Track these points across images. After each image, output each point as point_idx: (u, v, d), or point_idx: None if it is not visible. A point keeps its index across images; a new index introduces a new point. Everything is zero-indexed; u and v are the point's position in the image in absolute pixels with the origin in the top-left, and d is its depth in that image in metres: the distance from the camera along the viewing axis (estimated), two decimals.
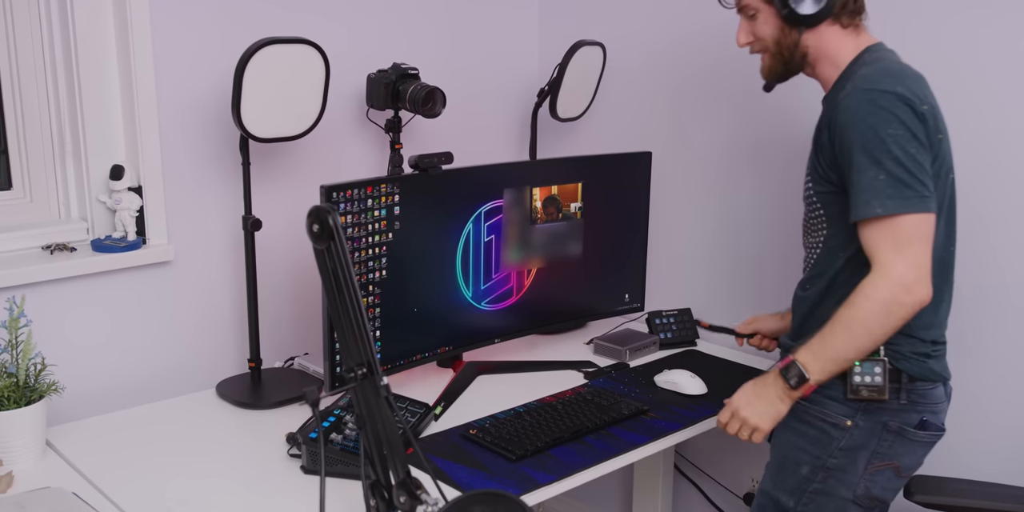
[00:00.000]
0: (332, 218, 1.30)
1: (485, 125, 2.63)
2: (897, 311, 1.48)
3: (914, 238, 1.47)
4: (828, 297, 1.63)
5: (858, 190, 1.49)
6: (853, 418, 1.61)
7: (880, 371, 1.57)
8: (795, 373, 1.58)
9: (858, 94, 1.50)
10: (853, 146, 1.49)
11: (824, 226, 1.64)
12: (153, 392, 2.04)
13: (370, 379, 1.33)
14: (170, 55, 1.97)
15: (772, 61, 1.68)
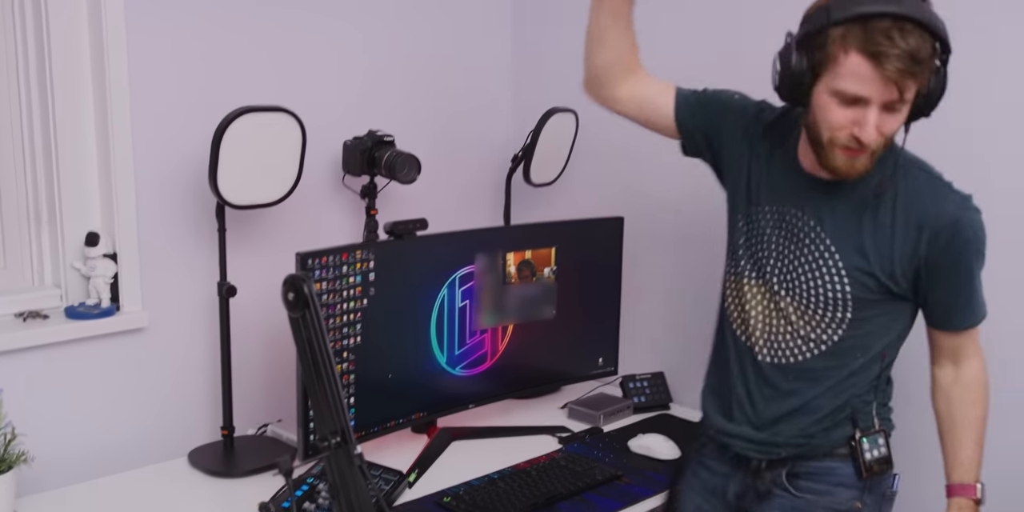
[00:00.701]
0: (307, 287, 1.31)
1: (460, 191, 2.67)
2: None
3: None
4: (830, 393, 1.57)
5: (972, 299, 1.54)
6: (861, 498, 1.59)
7: (883, 442, 1.59)
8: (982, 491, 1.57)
9: (967, 206, 1.48)
10: (975, 262, 1.50)
11: (843, 326, 1.54)
12: (124, 461, 2.01)
13: (344, 448, 1.32)
14: (147, 122, 2.00)
15: (871, 160, 1.43)
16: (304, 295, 1.32)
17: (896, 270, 1.49)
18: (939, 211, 1.46)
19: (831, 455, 1.59)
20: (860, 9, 1.30)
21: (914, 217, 1.47)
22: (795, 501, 1.60)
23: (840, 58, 1.33)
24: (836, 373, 1.56)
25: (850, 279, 1.50)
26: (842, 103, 1.36)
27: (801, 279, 1.54)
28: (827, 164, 1.43)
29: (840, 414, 1.58)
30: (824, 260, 1.52)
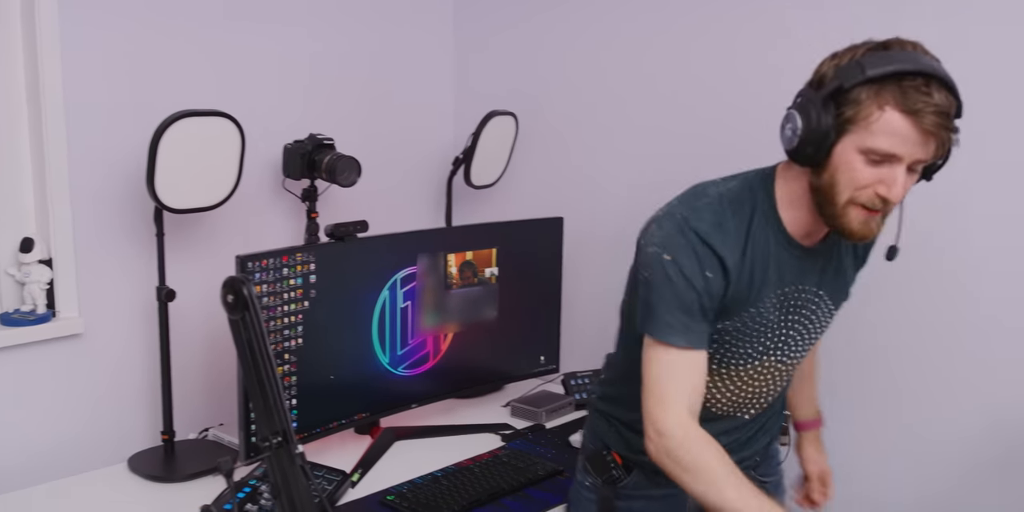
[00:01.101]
0: (247, 288, 1.32)
1: (401, 193, 2.68)
2: None
3: None
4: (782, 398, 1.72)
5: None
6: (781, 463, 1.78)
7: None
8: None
9: None
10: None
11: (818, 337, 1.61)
12: (63, 467, 2.00)
13: (285, 448, 1.33)
14: (82, 126, 1.98)
15: (883, 222, 1.41)
16: (243, 297, 1.33)
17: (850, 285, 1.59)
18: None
19: (775, 440, 1.74)
20: (896, 67, 1.27)
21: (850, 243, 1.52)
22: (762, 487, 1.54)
23: (875, 115, 1.28)
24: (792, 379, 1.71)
25: (835, 313, 1.57)
26: (870, 162, 1.31)
27: (805, 341, 1.55)
28: (842, 226, 1.37)
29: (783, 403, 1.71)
30: (826, 315, 1.55)
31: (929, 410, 2.00)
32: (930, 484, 2.01)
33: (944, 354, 1.97)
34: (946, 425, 1.98)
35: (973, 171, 1.86)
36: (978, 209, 1.89)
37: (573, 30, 2.49)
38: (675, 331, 1.41)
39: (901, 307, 2.00)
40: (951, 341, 1.96)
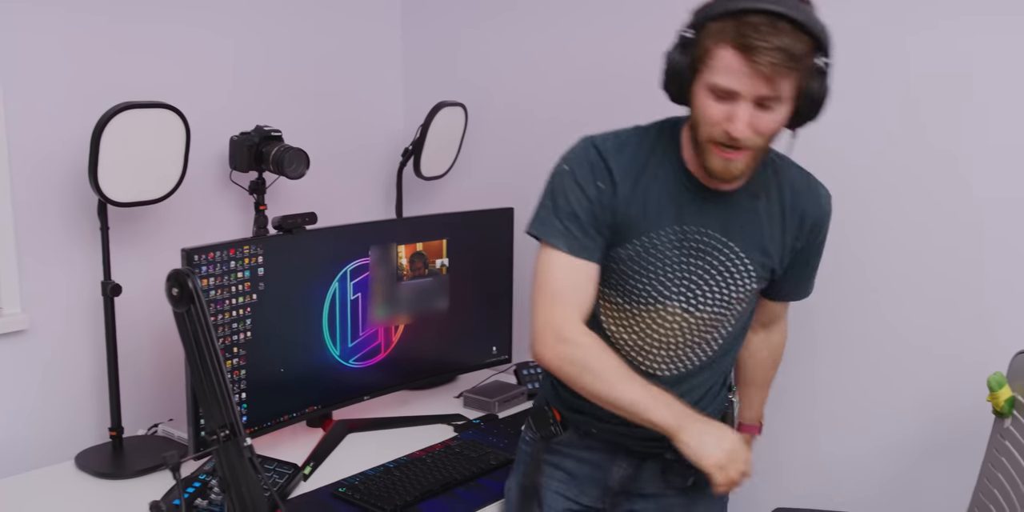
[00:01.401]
0: (191, 281, 1.31)
1: (350, 185, 2.67)
2: None
3: None
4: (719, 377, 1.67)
5: (814, 272, 1.69)
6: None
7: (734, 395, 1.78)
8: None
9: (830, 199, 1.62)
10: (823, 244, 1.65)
11: (736, 318, 1.60)
12: (9, 466, 1.97)
13: (233, 441, 1.33)
14: (22, 119, 1.95)
15: (752, 162, 1.43)
16: (188, 290, 1.32)
17: (785, 258, 1.59)
18: (816, 204, 1.58)
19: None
20: (735, 5, 1.31)
21: (799, 210, 1.55)
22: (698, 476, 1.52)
23: (713, 52, 1.33)
24: (727, 356, 1.66)
25: (756, 276, 1.56)
26: (716, 98, 1.36)
27: (713, 290, 1.54)
28: (706, 165, 1.42)
29: (722, 385, 1.70)
30: (735, 265, 1.54)
31: (868, 403, 2.04)
32: (871, 473, 2.05)
33: (881, 346, 2.01)
34: (884, 417, 2.02)
35: (920, 163, 1.90)
36: (923, 202, 1.93)
37: (523, 21, 2.49)
38: (559, 235, 1.49)
39: (847, 297, 2.04)
40: (891, 332, 2.00)
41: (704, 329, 1.57)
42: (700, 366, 1.61)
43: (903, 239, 1.95)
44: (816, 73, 1.35)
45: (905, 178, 1.93)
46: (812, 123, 1.42)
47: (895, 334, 1.98)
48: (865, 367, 2.03)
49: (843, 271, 2.00)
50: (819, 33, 1.32)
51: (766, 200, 1.53)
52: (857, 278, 2.01)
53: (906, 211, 1.94)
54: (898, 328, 1.98)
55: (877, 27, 1.91)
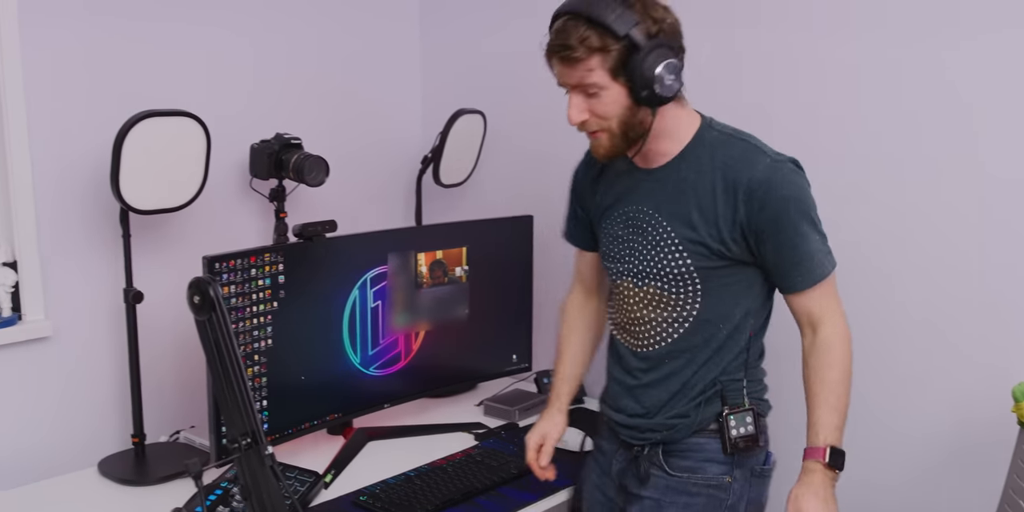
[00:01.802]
0: (213, 289, 1.32)
1: (370, 192, 2.67)
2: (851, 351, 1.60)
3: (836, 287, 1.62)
4: (706, 369, 1.64)
5: (808, 255, 1.55)
6: (731, 473, 1.65)
7: (751, 420, 1.63)
8: (839, 456, 1.54)
9: (784, 168, 1.54)
10: (799, 216, 1.53)
11: (696, 300, 1.61)
12: (32, 472, 1.98)
13: (255, 449, 1.33)
14: (45, 127, 1.96)
15: (614, 140, 1.56)
16: (210, 298, 1.32)
17: (723, 234, 1.56)
18: (751, 172, 1.54)
19: (701, 431, 1.65)
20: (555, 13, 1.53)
21: (730, 181, 1.55)
22: (670, 480, 1.66)
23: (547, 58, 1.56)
24: (706, 348, 1.63)
25: (687, 251, 1.59)
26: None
27: (650, 265, 1.63)
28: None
29: (711, 390, 1.64)
30: (663, 240, 1.61)
31: (897, 404, 2.02)
32: (894, 477, 2.03)
33: (915, 349, 1.98)
34: (913, 419, 2.00)
35: (954, 168, 1.89)
36: (952, 207, 1.90)
37: (541, 27, 2.48)
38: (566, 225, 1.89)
39: (874, 302, 2.01)
40: (923, 337, 1.97)
41: (658, 305, 1.64)
42: (668, 349, 1.65)
43: (940, 243, 1.92)
44: (628, 54, 1.46)
45: (948, 186, 1.90)
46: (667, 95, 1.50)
47: (924, 339, 1.96)
48: (891, 373, 2.01)
49: (877, 274, 1.98)
50: (603, 22, 1.45)
51: (695, 175, 1.58)
52: (888, 282, 1.99)
53: (943, 216, 1.92)
54: (928, 333, 1.96)
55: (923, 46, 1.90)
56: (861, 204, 1.99)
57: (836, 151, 2.00)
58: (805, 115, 2.04)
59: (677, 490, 1.66)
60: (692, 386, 1.65)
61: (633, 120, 1.54)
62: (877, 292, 2.00)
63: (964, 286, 1.90)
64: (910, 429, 2.00)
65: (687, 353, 1.65)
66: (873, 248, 1.98)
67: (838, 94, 1.99)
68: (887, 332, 2.00)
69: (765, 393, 1.71)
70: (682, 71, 1.51)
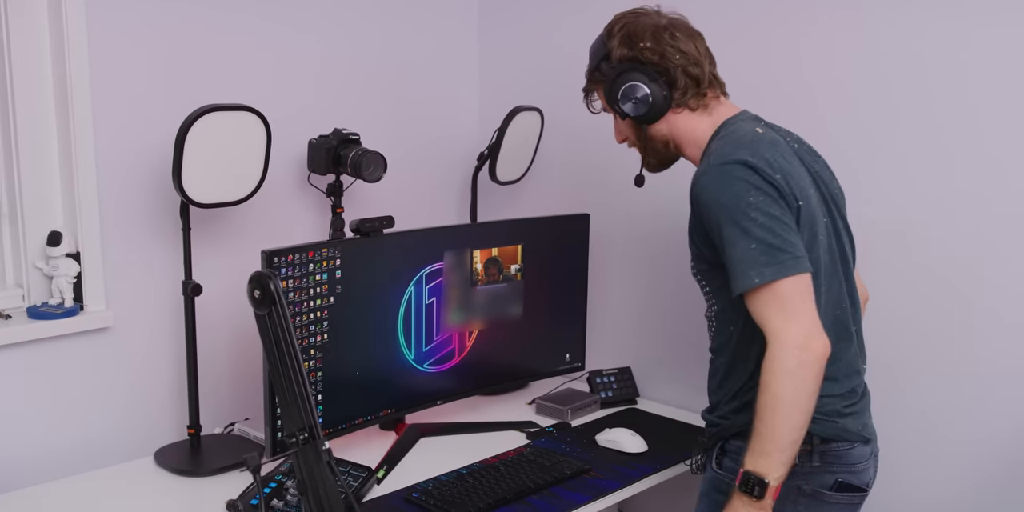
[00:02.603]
0: (273, 284, 1.32)
1: (426, 189, 2.67)
2: (807, 372, 1.45)
3: (796, 299, 1.47)
4: (733, 371, 1.66)
5: (734, 262, 1.49)
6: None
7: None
8: (754, 482, 1.48)
9: (712, 170, 1.53)
10: (721, 220, 1.50)
11: (713, 302, 1.68)
12: (90, 461, 2.01)
13: (312, 444, 1.33)
14: (109, 120, 1.99)
15: (642, 155, 1.78)
16: (270, 292, 1.32)
17: (695, 238, 1.63)
18: (696, 176, 1.58)
19: (740, 436, 1.60)
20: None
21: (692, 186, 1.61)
22: (714, 476, 1.69)
23: None
24: (728, 345, 1.66)
25: (691, 254, 1.69)
26: None
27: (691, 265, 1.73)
28: None
29: (744, 398, 1.62)
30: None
31: (955, 411, 1.96)
32: (955, 486, 1.97)
33: (971, 355, 1.93)
34: (972, 426, 1.94)
35: (997, 171, 1.84)
36: (1006, 210, 1.85)
37: (599, 23, 2.47)
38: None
39: (927, 307, 1.97)
40: (978, 342, 1.92)
41: (706, 305, 1.72)
42: (714, 345, 1.72)
43: (994, 251, 1.88)
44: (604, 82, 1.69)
45: (1000, 190, 1.86)
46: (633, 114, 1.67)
47: (981, 352, 1.91)
48: (950, 387, 1.96)
49: (936, 284, 1.94)
50: (590, 57, 1.73)
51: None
52: (952, 293, 1.94)
53: (991, 221, 1.87)
54: (986, 348, 1.91)
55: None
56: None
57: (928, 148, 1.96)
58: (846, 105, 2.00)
59: (717, 487, 1.67)
60: (728, 389, 1.67)
61: (641, 136, 1.73)
62: (928, 297, 1.95)
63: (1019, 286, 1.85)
64: (970, 436, 1.95)
65: (721, 352, 1.70)
66: (949, 247, 1.94)
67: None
68: (940, 341, 1.96)
69: (833, 416, 1.60)
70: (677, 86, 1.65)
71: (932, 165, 1.93)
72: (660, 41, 1.64)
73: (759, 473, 1.47)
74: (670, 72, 1.64)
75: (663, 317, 2.44)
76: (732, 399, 1.66)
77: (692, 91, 1.65)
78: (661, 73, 1.64)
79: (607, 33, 1.70)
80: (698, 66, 1.65)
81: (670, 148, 1.72)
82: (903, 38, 1.93)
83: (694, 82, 1.65)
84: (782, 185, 1.51)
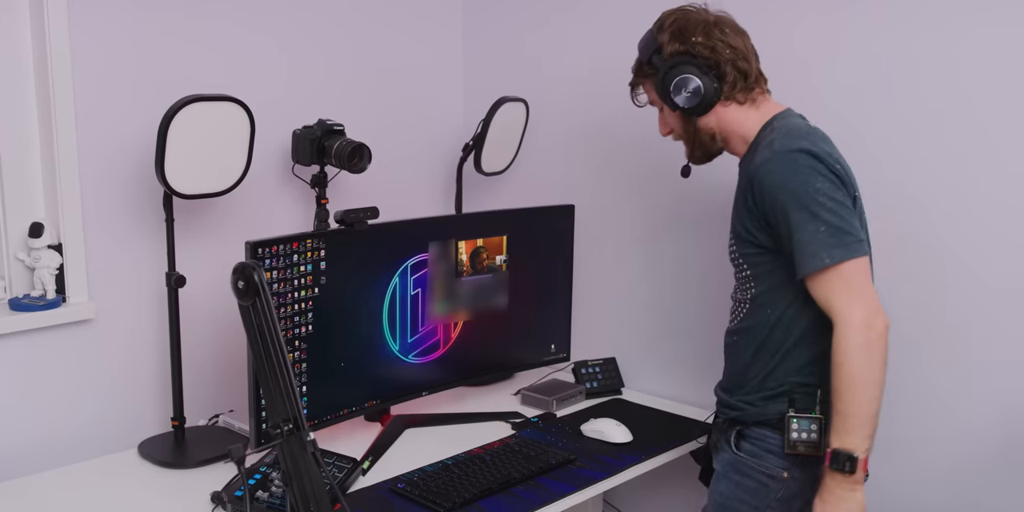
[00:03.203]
0: (257, 274, 1.32)
1: (411, 180, 2.67)
2: (875, 348, 1.53)
3: (859, 279, 1.56)
4: (763, 351, 1.70)
5: (802, 245, 1.56)
6: (790, 470, 1.66)
7: (816, 428, 1.63)
8: (844, 459, 1.54)
9: (778, 156, 1.59)
10: (788, 205, 1.57)
11: (751, 285, 1.71)
12: (73, 453, 2.00)
13: (296, 435, 1.33)
14: (91, 110, 1.97)
15: (688, 147, 1.81)
16: (254, 283, 1.32)
17: (746, 222, 1.67)
18: (758, 162, 1.63)
19: (765, 424, 1.70)
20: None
21: (750, 172, 1.65)
22: (733, 458, 1.73)
23: None
24: (760, 331, 1.70)
25: (734, 239, 1.73)
26: None
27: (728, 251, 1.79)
28: None
29: (777, 388, 1.68)
30: (730, 230, 1.77)
31: (938, 407, 1.98)
32: (937, 481, 1.99)
33: (955, 352, 1.94)
34: (956, 422, 1.96)
35: (994, 167, 1.84)
36: (991, 205, 1.86)
37: (584, 15, 2.47)
38: None
39: (913, 303, 1.98)
40: (961, 339, 1.93)
41: (736, 287, 1.77)
42: (737, 327, 1.76)
43: (991, 243, 1.89)
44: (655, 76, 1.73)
45: (1003, 186, 1.87)
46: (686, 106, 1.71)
47: (975, 343, 1.92)
48: (944, 375, 1.98)
49: (930, 276, 1.95)
50: (640, 50, 1.77)
51: (745, 173, 1.69)
52: (940, 285, 1.96)
53: (985, 212, 1.88)
54: (979, 336, 1.92)
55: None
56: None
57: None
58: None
59: (735, 467, 1.72)
60: (755, 373, 1.71)
61: (690, 128, 1.76)
62: (912, 293, 1.96)
63: (1001, 282, 1.86)
64: (960, 438, 1.96)
65: (748, 333, 1.73)
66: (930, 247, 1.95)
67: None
68: (923, 336, 1.97)
69: None
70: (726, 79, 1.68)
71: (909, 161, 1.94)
72: (711, 36, 1.68)
73: (847, 449, 1.54)
74: (720, 66, 1.68)
75: (648, 308, 2.45)
76: (761, 387, 1.70)
77: (740, 85, 1.70)
78: (712, 67, 1.68)
79: (657, 28, 1.73)
80: (746, 61, 1.70)
81: (716, 141, 1.76)
82: (899, 39, 1.94)
83: (743, 76, 1.70)
84: (843, 175, 1.60)
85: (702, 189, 2.25)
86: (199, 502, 1.75)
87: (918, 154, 1.93)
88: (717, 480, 1.77)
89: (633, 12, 2.35)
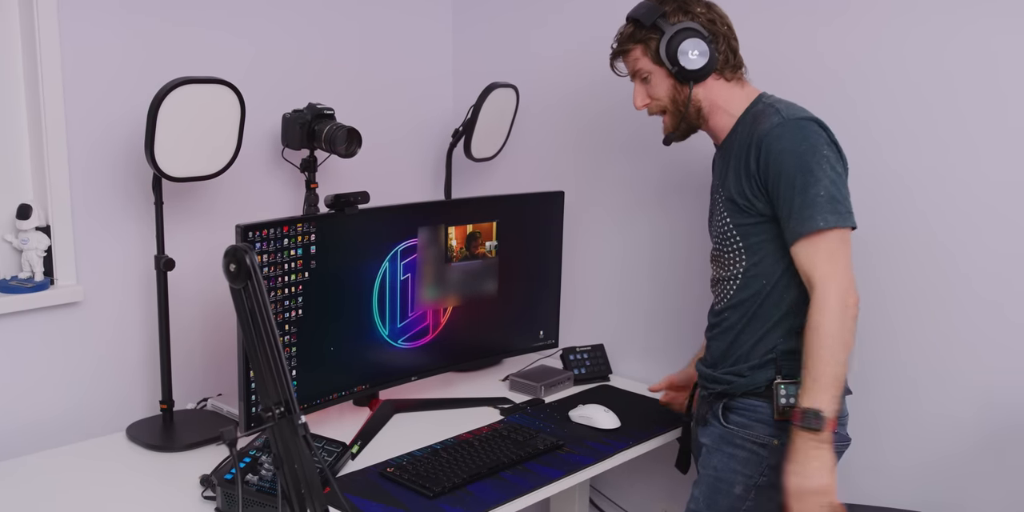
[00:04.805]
0: (250, 258, 1.31)
1: (401, 165, 2.66)
2: (848, 315, 1.61)
3: (843, 249, 1.63)
4: (754, 322, 1.76)
5: (800, 207, 1.62)
6: (779, 437, 1.70)
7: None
8: (811, 417, 1.59)
9: (789, 123, 1.66)
10: (794, 169, 1.63)
11: (742, 258, 1.76)
12: (61, 436, 1.99)
13: (288, 418, 1.33)
14: (80, 91, 1.96)
15: (672, 119, 1.82)
16: (246, 266, 1.31)
17: (745, 190, 1.71)
18: (763, 127, 1.68)
19: (754, 394, 1.75)
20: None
21: (753, 139, 1.70)
22: (722, 430, 1.79)
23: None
24: (752, 302, 1.75)
25: (727, 210, 1.76)
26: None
27: (713, 228, 1.83)
28: None
29: (764, 355, 1.75)
30: (717, 203, 1.80)
31: (923, 392, 2.00)
32: (924, 464, 2.01)
33: (939, 338, 1.96)
34: (939, 407, 1.98)
35: (975, 159, 1.86)
36: (975, 196, 1.87)
37: (577, 1, 2.46)
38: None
39: (898, 291, 1.99)
40: (946, 326, 1.95)
41: (720, 264, 1.81)
42: (728, 304, 1.79)
43: (974, 238, 1.90)
44: (658, 39, 1.73)
45: (987, 180, 1.88)
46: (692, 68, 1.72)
47: (959, 331, 1.94)
48: (927, 362, 1.99)
49: (909, 268, 1.96)
50: (640, 16, 1.75)
51: (740, 140, 1.74)
52: (921, 276, 1.97)
53: (979, 213, 1.89)
54: (961, 325, 1.93)
55: None
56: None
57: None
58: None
59: (725, 440, 1.77)
60: (743, 343, 1.77)
61: (680, 96, 1.77)
62: (899, 281, 1.98)
63: (984, 271, 1.87)
64: (942, 426, 1.98)
65: (740, 308, 1.77)
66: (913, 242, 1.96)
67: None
68: (909, 323, 1.98)
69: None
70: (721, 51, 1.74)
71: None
72: (712, 9, 1.76)
73: (815, 408, 1.60)
74: (718, 39, 1.74)
75: (636, 294, 2.46)
76: (748, 356, 1.76)
77: (732, 61, 1.77)
78: (712, 38, 1.73)
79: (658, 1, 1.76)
80: (736, 41, 1.78)
81: (701, 116, 1.79)
82: (895, 39, 1.94)
83: (733, 53, 1.77)
84: (840, 150, 1.69)
85: (693, 178, 2.26)
86: (187, 485, 1.75)
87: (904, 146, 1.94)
88: (709, 455, 1.81)
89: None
